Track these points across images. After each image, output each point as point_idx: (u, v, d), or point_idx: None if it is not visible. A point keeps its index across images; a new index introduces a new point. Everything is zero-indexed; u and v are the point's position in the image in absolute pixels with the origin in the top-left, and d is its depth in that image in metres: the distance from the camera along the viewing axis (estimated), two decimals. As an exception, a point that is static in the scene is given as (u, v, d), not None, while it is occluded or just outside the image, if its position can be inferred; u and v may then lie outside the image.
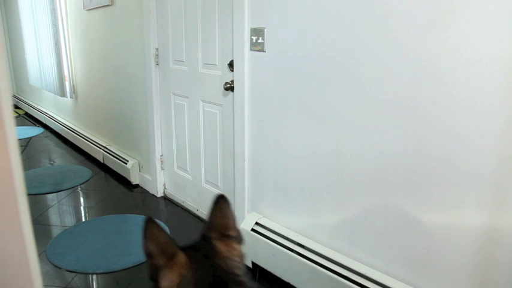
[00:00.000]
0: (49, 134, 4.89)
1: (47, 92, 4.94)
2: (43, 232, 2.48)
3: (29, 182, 3.26)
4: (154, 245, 0.73)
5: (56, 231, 2.49)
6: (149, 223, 0.72)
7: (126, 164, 3.27)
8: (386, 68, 1.45)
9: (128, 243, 2.34)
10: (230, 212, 0.83)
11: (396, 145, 1.47)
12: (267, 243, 1.93)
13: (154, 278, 0.73)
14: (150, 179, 3.09)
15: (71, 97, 4.38)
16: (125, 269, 2.10)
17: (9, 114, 0.49)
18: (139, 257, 2.17)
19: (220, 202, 0.82)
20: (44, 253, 2.23)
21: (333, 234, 1.76)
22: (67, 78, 4.33)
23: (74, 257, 2.18)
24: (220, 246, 0.79)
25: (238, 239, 0.82)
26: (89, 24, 3.65)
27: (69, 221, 2.66)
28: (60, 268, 2.10)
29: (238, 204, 2.25)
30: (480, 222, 1.29)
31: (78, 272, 2.07)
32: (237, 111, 2.13)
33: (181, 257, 0.73)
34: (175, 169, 2.88)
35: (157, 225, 0.73)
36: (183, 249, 0.76)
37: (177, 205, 2.89)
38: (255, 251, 2.02)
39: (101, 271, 2.08)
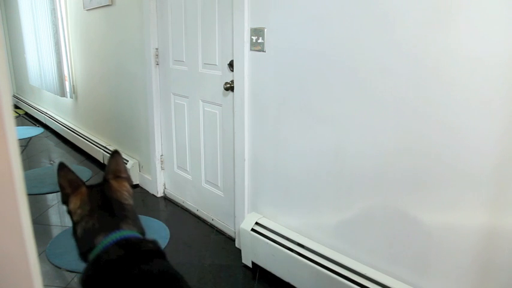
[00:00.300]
0: (49, 134, 4.89)
1: (47, 92, 4.94)
2: (43, 232, 2.48)
3: (29, 182, 3.26)
4: (65, 180, 1.07)
5: (56, 231, 2.49)
6: (62, 166, 1.06)
7: (126, 164, 3.27)
8: (386, 68, 1.45)
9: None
10: (121, 161, 1.18)
11: (396, 144, 1.47)
12: (267, 243, 1.93)
13: (66, 202, 1.08)
14: (150, 179, 3.09)
15: (71, 97, 4.38)
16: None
17: (9, 114, 0.49)
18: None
19: (115, 155, 1.17)
20: (44, 253, 2.23)
21: (333, 234, 1.76)
22: (67, 78, 4.33)
23: (74, 257, 2.17)
24: (113, 183, 1.13)
25: (128, 179, 1.18)
26: (89, 24, 3.65)
27: (69, 221, 2.66)
28: (60, 268, 2.10)
29: (238, 204, 2.25)
30: (480, 222, 1.29)
31: (78, 272, 2.07)
32: (237, 111, 2.13)
33: (83, 189, 1.08)
34: (175, 169, 2.88)
35: (68, 168, 1.06)
36: (87, 186, 1.10)
37: (177, 205, 2.89)
38: (255, 251, 2.02)
39: (101, 271, 2.08)
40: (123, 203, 1.11)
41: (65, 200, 1.08)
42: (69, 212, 1.08)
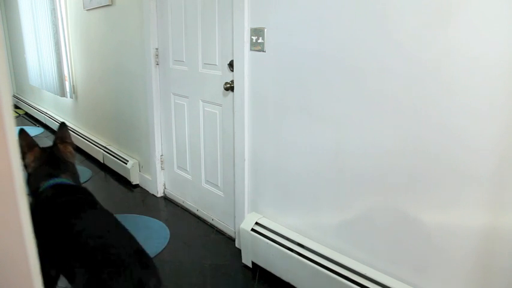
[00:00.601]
0: (49, 134, 4.89)
1: (47, 92, 4.94)
2: (43, 232, 2.48)
3: (29, 182, 3.25)
4: (24, 141, 1.49)
5: (56, 231, 2.48)
6: (22, 131, 1.49)
7: (126, 164, 3.27)
8: (386, 67, 1.45)
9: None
10: (67, 130, 1.66)
11: (396, 145, 1.47)
12: (267, 243, 1.93)
13: (23, 158, 1.49)
14: (150, 179, 3.09)
15: (71, 97, 4.38)
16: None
17: (9, 114, 0.49)
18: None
19: (63, 126, 1.65)
20: (44, 253, 2.22)
21: (333, 234, 1.76)
22: (67, 78, 4.33)
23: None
24: (60, 146, 1.60)
25: (71, 144, 1.64)
26: (89, 24, 3.65)
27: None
28: (60, 268, 2.10)
29: (238, 204, 2.25)
30: (480, 222, 1.29)
31: (78, 272, 2.07)
32: (237, 111, 2.13)
33: (37, 148, 1.53)
34: (175, 169, 2.88)
35: (27, 133, 1.51)
36: (40, 147, 1.53)
37: (177, 205, 2.89)
38: (255, 251, 2.02)
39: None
40: (66, 160, 1.58)
41: (23, 157, 1.50)
42: (25, 166, 1.49)
